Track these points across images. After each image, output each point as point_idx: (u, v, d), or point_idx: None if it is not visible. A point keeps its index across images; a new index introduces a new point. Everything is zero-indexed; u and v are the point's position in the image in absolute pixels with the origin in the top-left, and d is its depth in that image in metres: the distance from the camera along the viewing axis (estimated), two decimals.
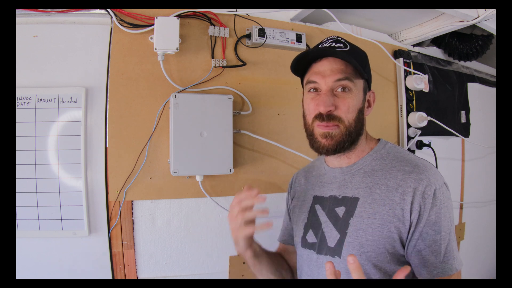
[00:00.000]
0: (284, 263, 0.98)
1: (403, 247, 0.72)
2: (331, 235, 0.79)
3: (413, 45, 1.68)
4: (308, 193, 0.91)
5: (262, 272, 0.91)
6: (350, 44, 0.80)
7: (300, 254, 0.88)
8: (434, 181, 0.72)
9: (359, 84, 0.79)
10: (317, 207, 0.85)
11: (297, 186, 0.97)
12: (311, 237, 0.85)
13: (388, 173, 0.76)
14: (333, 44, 0.79)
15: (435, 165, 1.61)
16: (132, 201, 1.12)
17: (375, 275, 0.72)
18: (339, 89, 0.76)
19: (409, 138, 1.59)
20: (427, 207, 0.70)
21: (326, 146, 0.77)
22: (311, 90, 0.79)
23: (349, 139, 0.77)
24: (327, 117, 0.76)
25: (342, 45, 0.79)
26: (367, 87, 0.83)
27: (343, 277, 0.75)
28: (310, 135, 0.81)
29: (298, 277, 0.90)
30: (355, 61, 0.75)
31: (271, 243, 1.04)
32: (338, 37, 0.81)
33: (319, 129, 0.78)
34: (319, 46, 0.82)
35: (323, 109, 0.75)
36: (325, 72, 0.77)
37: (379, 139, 0.86)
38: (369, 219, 0.74)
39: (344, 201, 0.79)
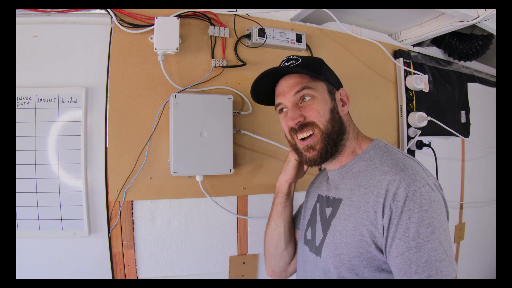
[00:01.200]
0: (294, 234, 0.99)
1: (382, 252, 0.68)
2: (319, 235, 0.81)
3: (413, 45, 1.67)
4: (316, 191, 0.93)
5: (279, 219, 0.94)
6: (302, 57, 0.83)
7: (301, 248, 0.91)
8: (411, 181, 0.66)
9: (321, 87, 0.80)
10: (317, 206, 0.88)
11: (313, 183, 1.00)
12: (309, 234, 0.87)
13: (370, 174, 0.74)
14: (285, 63, 0.83)
15: (435, 165, 1.61)
16: (132, 201, 1.12)
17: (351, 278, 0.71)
18: (303, 100, 0.79)
19: (409, 138, 1.59)
20: (398, 211, 0.64)
21: (312, 159, 0.80)
22: (281, 111, 0.84)
23: (330, 142, 0.78)
24: (300, 127, 0.78)
25: (294, 61, 0.82)
26: (332, 87, 0.83)
27: (321, 277, 0.77)
28: (297, 149, 0.83)
29: (298, 271, 0.92)
30: (305, 68, 0.79)
31: None
32: (290, 56, 0.85)
33: (300, 144, 0.80)
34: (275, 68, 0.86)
35: (292, 123, 0.79)
36: (284, 90, 0.81)
37: (374, 140, 0.85)
38: (345, 221, 0.73)
39: (332, 202, 0.81)
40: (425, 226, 0.63)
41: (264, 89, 0.87)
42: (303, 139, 0.79)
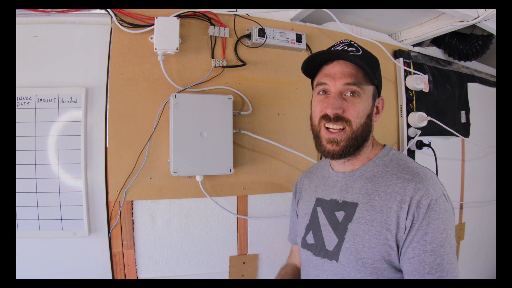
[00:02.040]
0: (298, 273, 0.98)
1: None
2: (330, 239, 0.79)
3: (413, 45, 1.67)
4: (312, 194, 0.91)
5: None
6: (362, 49, 0.80)
7: (301, 253, 0.90)
8: (432, 191, 0.70)
9: (369, 90, 0.78)
10: (318, 210, 0.86)
11: (302, 187, 0.99)
12: (310, 238, 0.86)
13: (389, 180, 0.75)
14: (346, 47, 0.79)
15: (435, 165, 1.61)
16: (132, 201, 1.12)
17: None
18: (348, 93, 0.76)
19: (409, 138, 1.59)
20: (420, 217, 0.69)
21: (331, 151, 0.78)
22: (320, 93, 0.79)
23: (355, 143, 0.77)
24: (335, 118, 0.76)
25: (354, 49, 0.78)
26: (377, 93, 0.82)
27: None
28: (317, 137, 0.81)
29: (302, 275, 0.91)
30: (367, 66, 0.75)
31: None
32: (351, 41, 0.81)
33: (325, 134, 0.78)
34: (331, 48, 0.81)
35: (331, 111, 0.75)
36: (336, 74, 0.77)
37: (384, 145, 0.85)
38: (367, 226, 0.74)
39: (344, 205, 0.80)
40: (440, 232, 0.68)
41: (315, 63, 0.82)
42: (331, 130, 0.77)
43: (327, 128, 0.77)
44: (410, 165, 0.77)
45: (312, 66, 0.82)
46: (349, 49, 0.78)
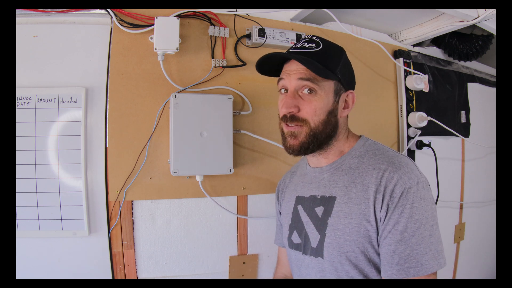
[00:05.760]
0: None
1: None
2: (313, 236, 0.79)
3: (413, 45, 1.67)
4: (292, 194, 0.92)
5: None
6: (324, 42, 0.78)
7: (289, 254, 0.90)
8: (407, 179, 0.69)
9: (327, 85, 0.77)
10: (299, 208, 0.86)
11: (284, 188, 0.99)
12: (296, 238, 0.85)
13: (365, 171, 0.75)
14: (305, 44, 0.79)
15: (435, 165, 1.61)
16: (132, 201, 1.12)
17: (358, 276, 0.72)
18: (305, 91, 0.76)
19: (409, 138, 1.59)
20: (392, 206, 0.68)
21: (291, 146, 0.79)
22: (282, 91, 0.81)
23: (315, 140, 0.77)
24: (290, 118, 0.77)
25: (314, 44, 0.78)
26: (341, 87, 0.80)
27: (328, 276, 0.76)
28: (282, 135, 0.82)
29: (294, 276, 0.91)
30: (321, 59, 0.74)
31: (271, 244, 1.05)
32: (313, 36, 0.81)
33: (286, 128, 0.79)
34: (293, 46, 0.82)
35: (285, 111, 0.77)
36: (291, 71, 0.78)
37: (360, 136, 0.85)
38: (346, 219, 0.74)
39: (322, 200, 0.80)
40: (413, 221, 0.67)
41: (273, 63, 0.83)
42: (289, 124, 0.78)
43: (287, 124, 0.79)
44: (386, 154, 0.76)
45: (272, 68, 0.84)
46: (308, 45, 0.78)
